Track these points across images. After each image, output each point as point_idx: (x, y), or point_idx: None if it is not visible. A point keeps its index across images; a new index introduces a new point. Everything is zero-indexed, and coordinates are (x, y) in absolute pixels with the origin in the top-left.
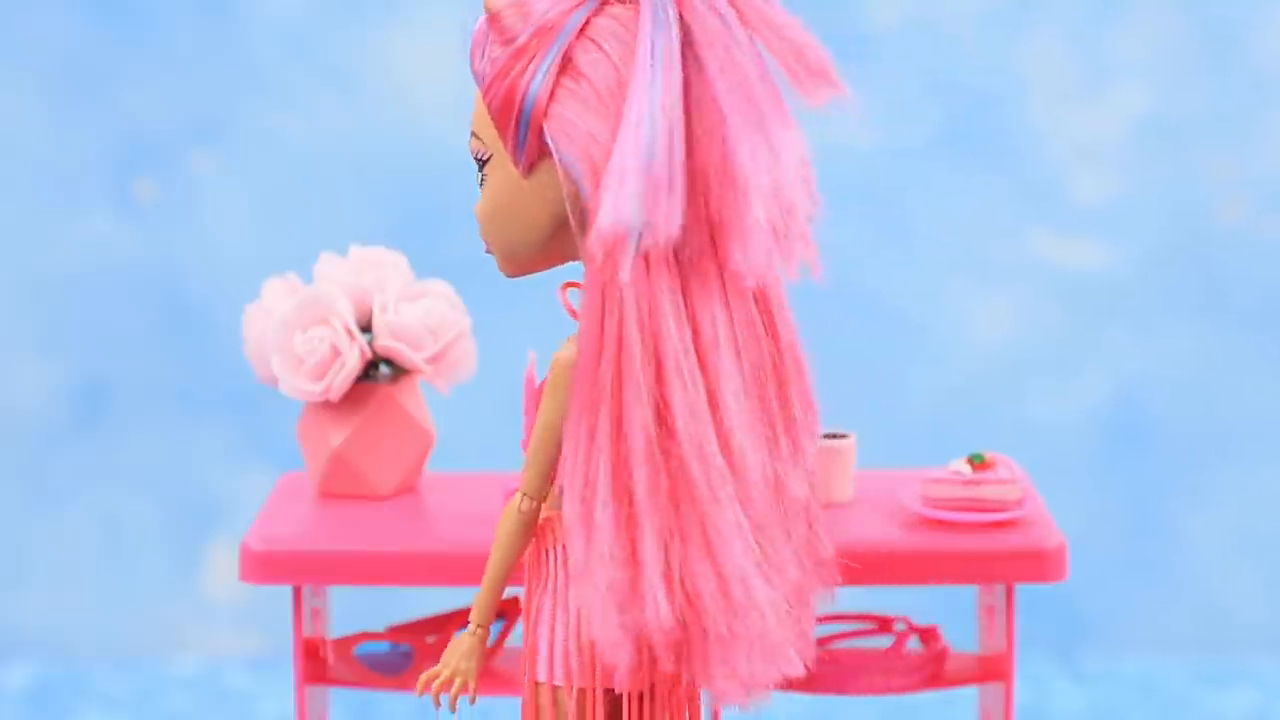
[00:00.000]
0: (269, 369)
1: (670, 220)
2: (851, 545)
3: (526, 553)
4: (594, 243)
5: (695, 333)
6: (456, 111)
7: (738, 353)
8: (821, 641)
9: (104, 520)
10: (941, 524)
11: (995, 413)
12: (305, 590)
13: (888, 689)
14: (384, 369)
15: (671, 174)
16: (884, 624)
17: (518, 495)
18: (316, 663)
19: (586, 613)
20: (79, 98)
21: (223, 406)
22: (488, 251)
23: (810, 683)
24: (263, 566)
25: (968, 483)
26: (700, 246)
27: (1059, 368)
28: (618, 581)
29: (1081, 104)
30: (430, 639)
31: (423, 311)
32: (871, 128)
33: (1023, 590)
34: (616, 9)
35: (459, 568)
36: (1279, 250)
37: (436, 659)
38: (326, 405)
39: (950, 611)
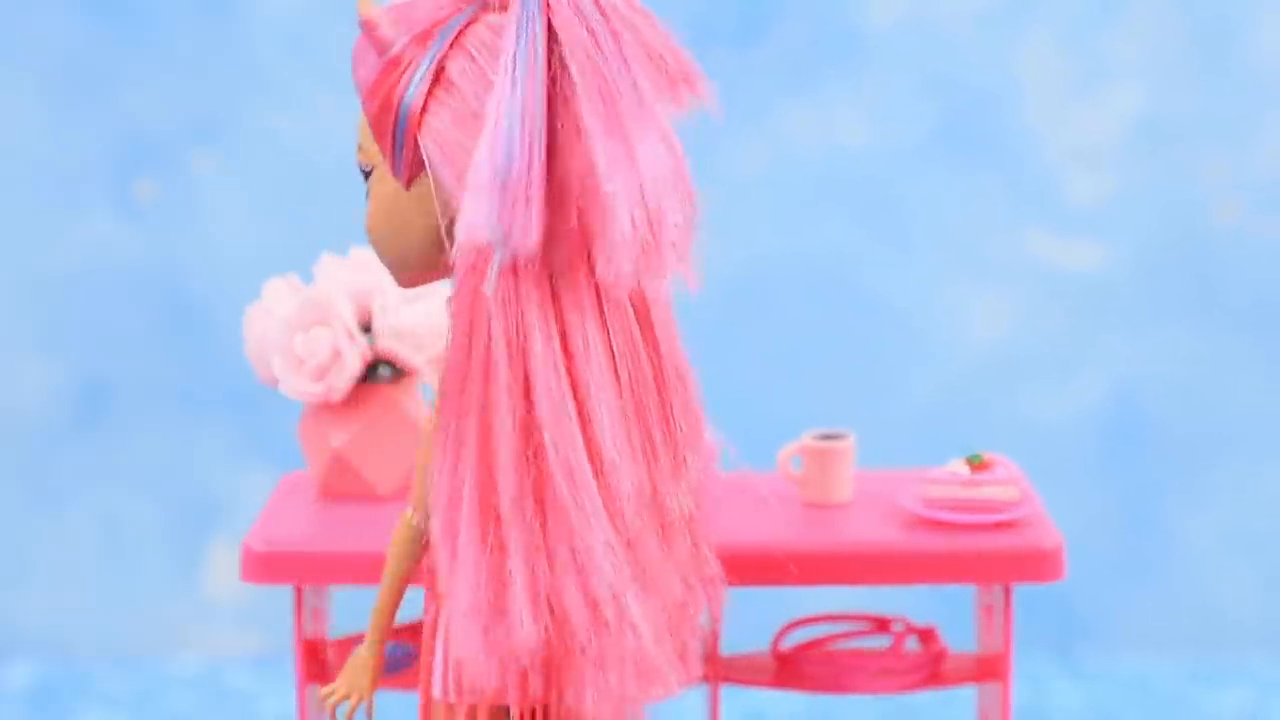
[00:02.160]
0: (270, 370)
1: (527, 232)
2: (850, 545)
3: (425, 566)
4: (454, 256)
5: (565, 346)
6: None
7: (614, 365)
8: (820, 642)
9: (104, 520)
10: (940, 524)
11: (993, 413)
12: (306, 590)
13: (886, 689)
14: (384, 370)
15: (530, 186)
16: (882, 624)
17: (408, 510)
18: (317, 662)
19: (452, 631)
20: (79, 98)
21: (223, 407)
22: (381, 263)
23: (810, 682)
24: (264, 566)
25: (966, 483)
26: (570, 258)
27: (1056, 368)
28: (482, 600)
29: (1077, 104)
30: None
31: (423, 313)
32: (868, 127)
33: (1020, 590)
34: (492, 18)
35: None
36: (1274, 250)
37: None
38: (327, 406)
39: (948, 611)
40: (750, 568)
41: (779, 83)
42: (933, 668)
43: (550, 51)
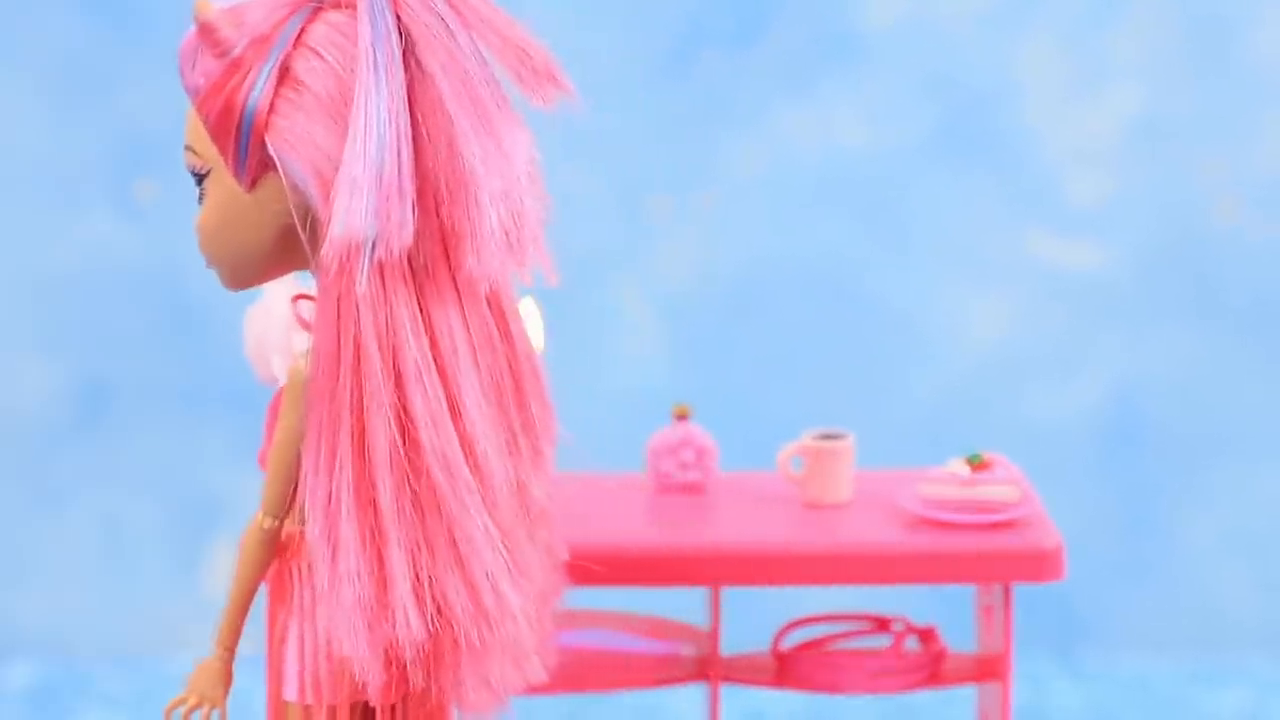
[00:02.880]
0: (270, 369)
1: (403, 228)
2: (850, 545)
3: (270, 572)
4: (327, 254)
5: (433, 341)
6: None
7: (475, 359)
8: (820, 642)
9: (104, 520)
10: (940, 524)
11: (992, 413)
12: None
13: (886, 689)
14: None
15: (401, 181)
16: (882, 624)
17: (259, 514)
18: None
19: (334, 631)
20: (79, 98)
21: (223, 406)
22: (210, 266)
23: (810, 682)
24: None
25: (966, 483)
26: (433, 253)
27: (1056, 368)
28: (365, 597)
29: (1077, 104)
30: None
31: None
32: (867, 128)
33: (1020, 590)
34: (333, 16)
35: None
36: (1274, 250)
37: None
38: None
39: (948, 611)
40: (750, 568)
41: (777, 83)
42: (933, 668)
43: (404, 47)
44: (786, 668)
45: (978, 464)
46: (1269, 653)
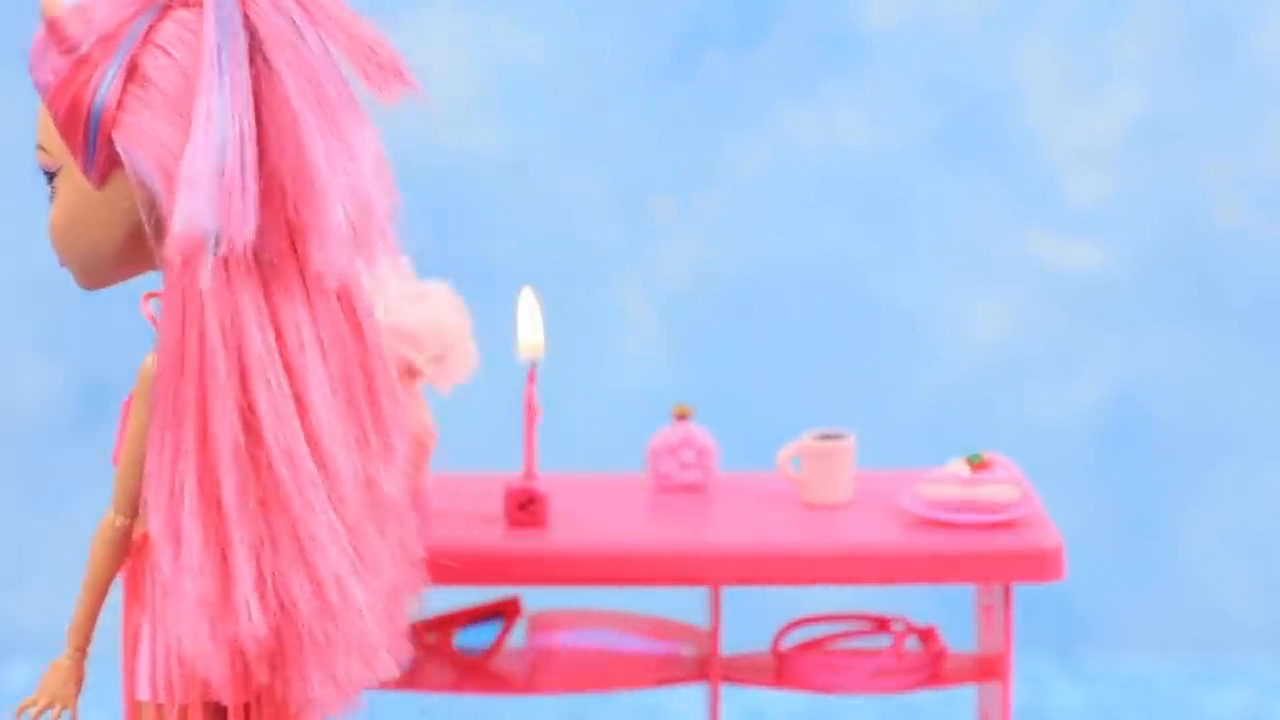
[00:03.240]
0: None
1: (245, 224)
2: (850, 545)
3: (123, 572)
4: (170, 250)
5: (279, 336)
6: (460, 112)
7: (324, 354)
8: (820, 642)
9: None
10: (940, 524)
11: (993, 413)
12: None
13: (886, 689)
14: None
15: (244, 177)
16: (882, 624)
17: (109, 513)
18: None
19: (177, 627)
20: None
21: None
22: (63, 265)
23: (810, 682)
24: None
25: (966, 483)
26: (280, 249)
27: (1057, 368)
28: (208, 593)
29: (1078, 105)
30: (431, 638)
31: (425, 312)
32: (869, 128)
33: (1021, 590)
34: (181, 14)
35: (459, 568)
36: (1276, 251)
37: (437, 658)
38: None
39: (948, 611)
40: (750, 568)
41: (779, 84)
42: (933, 668)
43: (251, 45)
44: (786, 668)
45: (978, 464)
46: (1271, 653)
